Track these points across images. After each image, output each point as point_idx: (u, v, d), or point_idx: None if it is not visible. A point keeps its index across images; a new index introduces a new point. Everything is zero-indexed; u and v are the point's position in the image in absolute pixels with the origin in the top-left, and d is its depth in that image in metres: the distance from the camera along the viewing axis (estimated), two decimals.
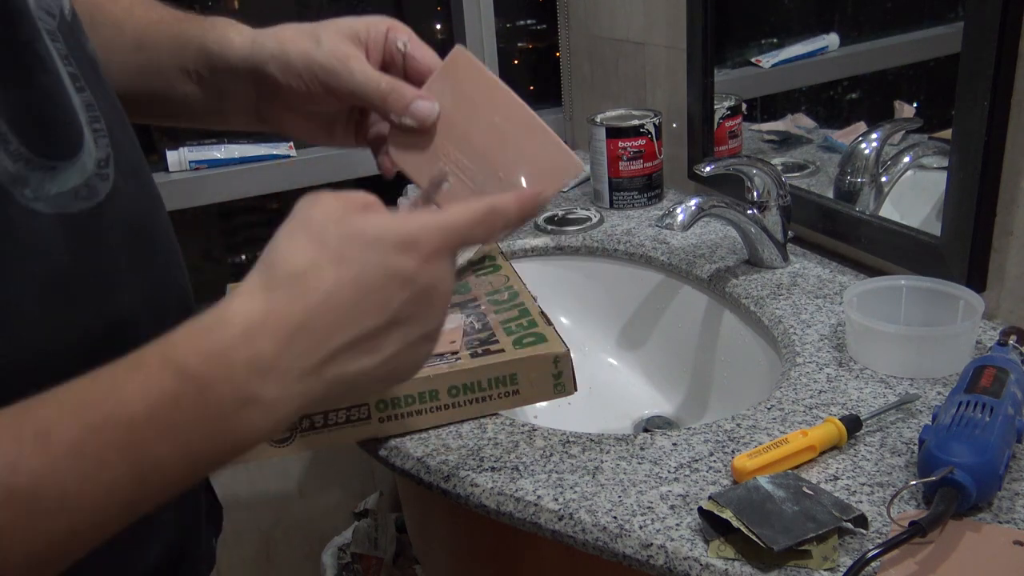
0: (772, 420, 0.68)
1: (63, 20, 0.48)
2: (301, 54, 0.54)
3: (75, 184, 0.45)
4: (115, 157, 0.48)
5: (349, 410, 0.67)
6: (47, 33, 0.46)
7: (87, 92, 0.47)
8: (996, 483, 0.56)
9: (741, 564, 0.53)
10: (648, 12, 1.24)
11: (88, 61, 0.49)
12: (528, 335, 0.73)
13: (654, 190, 1.19)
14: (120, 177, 0.48)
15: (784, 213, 0.94)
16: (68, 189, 0.44)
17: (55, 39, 0.46)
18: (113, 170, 0.48)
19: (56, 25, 0.47)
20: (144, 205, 0.52)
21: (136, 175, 0.51)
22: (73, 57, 0.47)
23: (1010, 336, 0.70)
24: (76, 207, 0.45)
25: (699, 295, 1.00)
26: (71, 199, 0.45)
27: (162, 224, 0.55)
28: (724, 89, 1.12)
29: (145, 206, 0.52)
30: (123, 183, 0.48)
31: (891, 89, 0.99)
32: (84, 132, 0.46)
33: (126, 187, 0.49)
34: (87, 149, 0.46)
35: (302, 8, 1.49)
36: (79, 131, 0.46)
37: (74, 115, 0.46)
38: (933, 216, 0.85)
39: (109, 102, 0.50)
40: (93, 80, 0.49)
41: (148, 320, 0.50)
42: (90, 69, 0.49)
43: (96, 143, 0.47)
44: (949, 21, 0.85)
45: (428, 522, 0.92)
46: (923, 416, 0.67)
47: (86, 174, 0.46)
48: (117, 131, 0.50)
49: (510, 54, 1.58)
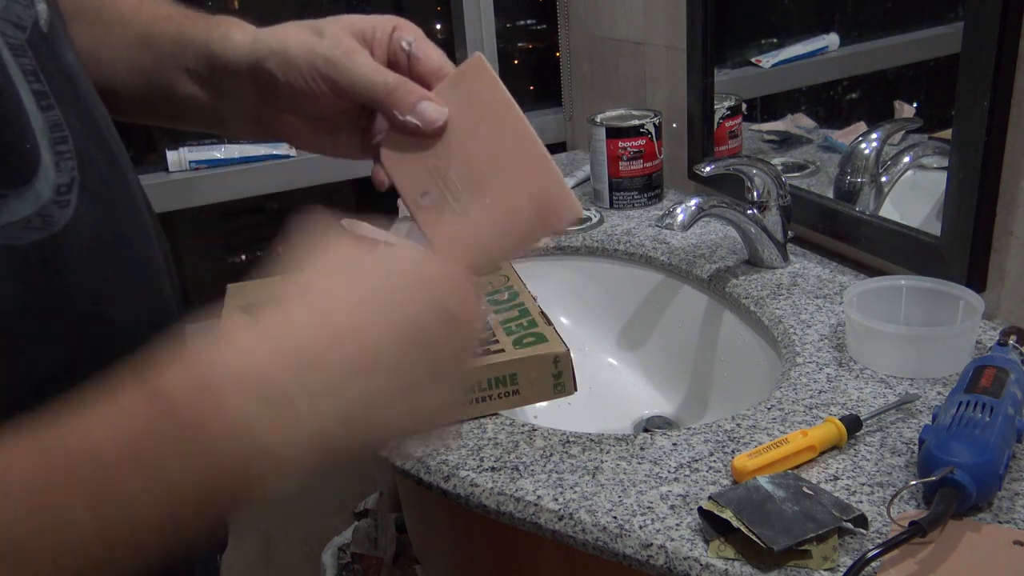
0: (772, 420, 0.68)
1: (35, 32, 0.45)
2: (302, 46, 0.51)
3: (27, 214, 0.41)
4: (81, 181, 0.44)
5: None
6: (10, 48, 0.42)
7: (55, 111, 0.44)
8: (996, 483, 0.56)
9: (741, 564, 0.53)
10: (648, 12, 1.24)
11: (63, 77, 0.46)
12: (528, 335, 0.73)
13: (654, 190, 1.19)
14: (85, 202, 0.45)
15: (784, 213, 0.94)
16: (18, 220, 0.41)
17: (21, 54, 0.43)
18: (76, 196, 0.44)
19: (26, 38, 0.44)
20: (116, 228, 0.48)
21: (110, 197, 0.48)
22: (43, 72, 0.44)
23: (1010, 336, 0.70)
24: (27, 238, 0.41)
25: (699, 295, 1.00)
26: (21, 230, 0.41)
27: (140, 244, 0.51)
28: (724, 89, 1.12)
29: (117, 229, 0.48)
30: (88, 208, 0.45)
31: (891, 89, 0.99)
32: (41, 156, 0.42)
33: (93, 212, 0.45)
34: (44, 175, 0.42)
35: (302, 8, 1.49)
36: (35, 156, 0.42)
37: (31, 138, 0.42)
38: (933, 216, 0.84)
39: (85, 120, 0.47)
40: (67, 97, 0.46)
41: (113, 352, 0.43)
42: (64, 84, 0.46)
43: (58, 167, 0.43)
44: (949, 21, 0.85)
45: (428, 522, 0.92)
46: (923, 416, 0.67)
47: (41, 202, 0.42)
48: (91, 150, 0.46)
49: (510, 54, 1.58)
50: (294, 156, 1.37)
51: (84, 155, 0.45)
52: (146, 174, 1.31)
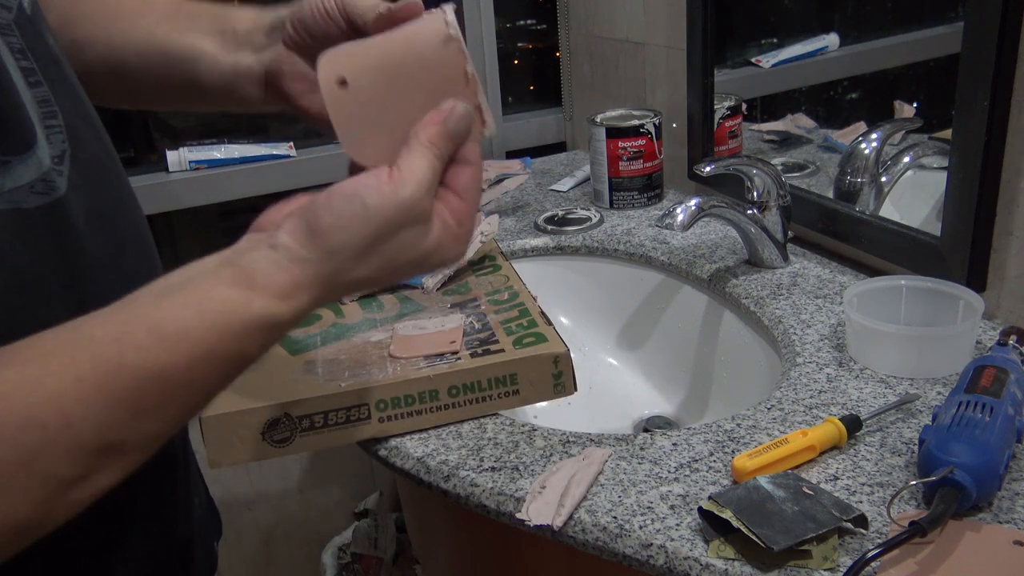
0: (772, 420, 0.68)
1: (21, 14, 0.48)
2: None
3: (30, 179, 0.44)
4: (72, 154, 0.47)
5: (349, 410, 0.67)
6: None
7: (43, 87, 0.47)
8: (996, 483, 0.56)
9: (741, 564, 0.53)
10: (648, 12, 1.24)
11: (49, 57, 0.49)
12: (528, 335, 0.73)
13: (654, 190, 1.19)
14: (78, 174, 0.48)
15: (784, 213, 0.94)
16: (23, 184, 0.44)
17: (7, 33, 0.46)
18: (69, 167, 0.47)
19: (12, 19, 0.47)
20: (109, 200, 0.51)
21: (101, 172, 0.51)
22: (30, 51, 0.47)
23: (1010, 336, 0.70)
24: (32, 203, 0.44)
25: (699, 295, 1.00)
26: (26, 194, 0.44)
27: (133, 223, 0.54)
28: (724, 89, 1.12)
29: (110, 201, 0.52)
30: (81, 180, 0.48)
31: (891, 89, 0.99)
32: (35, 128, 0.45)
33: (87, 183, 0.48)
34: (40, 144, 0.45)
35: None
36: (30, 127, 0.45)
37: (23, 111, 0.45)
38: (933, 216, 0.84)
39: (72, 99, 0.50)
40: (54, 76, 0.48)
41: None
42: (50, 64, 0.48)
43: (49, 140, 0.46)
44: (949, 21, 0.85)
45: (428, 522, 0.92)
46: (923, 416, 0.67)
47: (42, 169, 0.45)
48: (79, 128, 0.49)
49: (510, 54, 1.58)
50: (294, 156, 1.37)
51: (73, 130, 0.48)
52: (146, 174, 1.31)
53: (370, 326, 0.78)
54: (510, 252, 1.10)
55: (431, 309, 0.81)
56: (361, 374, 0.69)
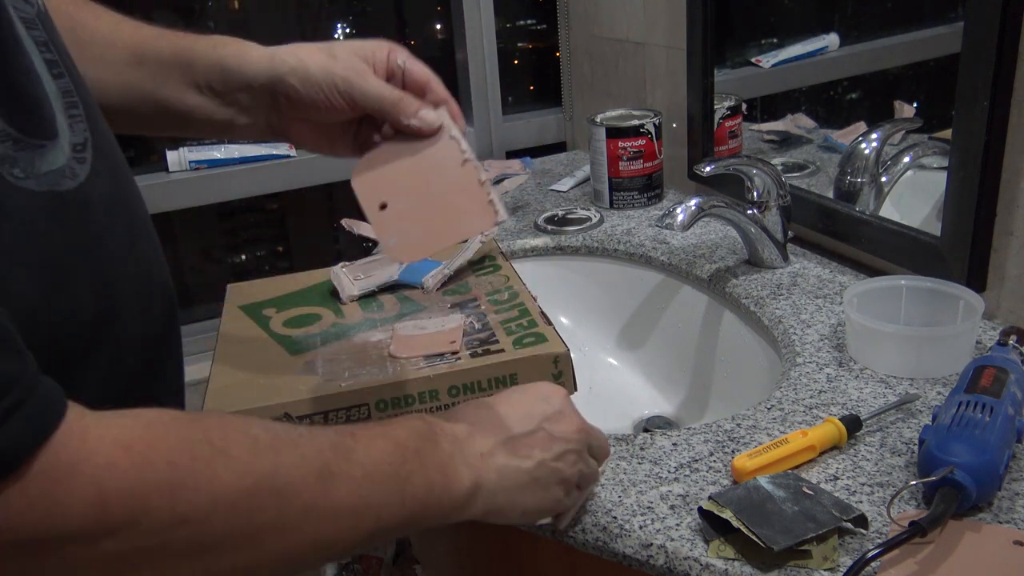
0: (772, 420, 0.68)
1: (40, 11, 0.49)
2: (320, 67, 0.59)
3: (62, 163, 0.46)
4: (94, 142, 0.49)
5: (349, 410, 0.67)
6: (24, 21, 0.46)
7: (65, 78, 0.48)
8: (996, 483, 0.56)
9: (741, 564, 0.53)
10: (648, 12, 1.24)
11: (65, 50, 0.50)
12: (528, 335, 0.73)
13: (654, 190, 1.19)
14: (99, 161, 0.49)
15: (784, 213, 0.94)
16: (57, 167, 0.45)
17: (32, 27, 0.47)
18: (91, 153, 0.49)
19: (35, 14, 0.48)
20: (123, 189, 0.53)
21: (117, 160, 0.53)
22: (52, 44, 0.48)
23: (1010, 336, 0.70)
24: (65, 185, 0.46)
25: (699, 295, 1.00)
26: (60, 177, 0.45)
27: (142, 214, 0.56)
28: (724, 89, 1.12)
29: (124, 194, 0.53)
30: (102, 167, 0.49)
31: (891, 89, 0.99)
32: (56, 117, 0.47)
33: (106, 171, 0.50)
34: (62, 132, 0.47)
35: (302, 7, 1.49)
36: (52, 115, 0.46)
37: (47, 100, 0.46)
38: (933, 216, 0.84)
39: (87, 92, 0.51)
40: (73, 69, 0.50)
41: (135, 308, 0.51)
42: (68, 57, 0.50)
43: (72, 128, 0.47)
44: (949, 21, 0.85)
45: None
46: (923, 416, 0.67)
47: (67, 156, 0.47)
48: (97, 117, 0.51)
49: (510, 54, 1.58)
50: (294, 156, 1.37)
51: (93, 120, 0.50)
52: (146, 174, 1.31)
53: (370, 326, 0.78)
54: (510, 252, 1.10)
55: (431, 309, 0.81)
56: (361, 374, 0.69)
